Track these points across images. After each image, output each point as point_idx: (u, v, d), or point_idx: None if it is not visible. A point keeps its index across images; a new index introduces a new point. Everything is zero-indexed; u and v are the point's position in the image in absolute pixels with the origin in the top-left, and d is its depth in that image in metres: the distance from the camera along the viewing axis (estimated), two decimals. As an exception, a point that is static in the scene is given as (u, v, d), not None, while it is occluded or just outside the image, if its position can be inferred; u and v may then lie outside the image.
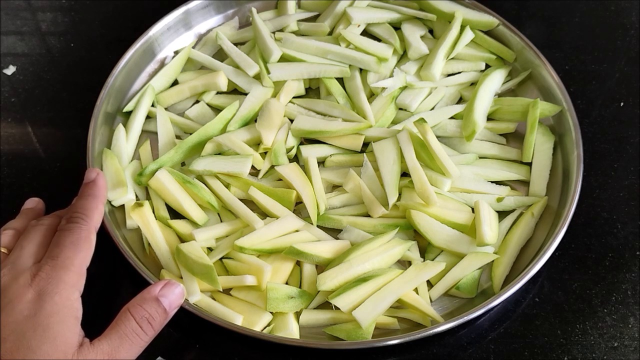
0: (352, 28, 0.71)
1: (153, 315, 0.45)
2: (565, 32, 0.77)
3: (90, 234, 0.48)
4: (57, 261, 0.45)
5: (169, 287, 0.47)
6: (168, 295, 0.46)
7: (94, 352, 0.42)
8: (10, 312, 0.42)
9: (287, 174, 0.61)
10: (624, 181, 0.65)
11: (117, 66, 0.66)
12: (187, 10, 0.73)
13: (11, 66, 0.74)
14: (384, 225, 0.59)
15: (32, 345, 0.41)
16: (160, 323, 0.45)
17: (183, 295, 0.48)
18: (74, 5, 0.81)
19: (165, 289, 0.46)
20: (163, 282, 0.48)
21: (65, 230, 0.47)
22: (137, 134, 0.66)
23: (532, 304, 0.57)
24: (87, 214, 0.49)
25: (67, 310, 0.43)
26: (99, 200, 0.51)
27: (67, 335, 0.42)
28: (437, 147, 0.60)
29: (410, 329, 0.54)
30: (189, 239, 0.58)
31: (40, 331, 0.41)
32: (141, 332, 0.44)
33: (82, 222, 0.48)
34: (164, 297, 0.46)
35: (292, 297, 0.55)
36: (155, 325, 0.45)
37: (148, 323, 0.44)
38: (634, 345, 0.55)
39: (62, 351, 0.41)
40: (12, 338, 0.41)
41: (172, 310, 0.47)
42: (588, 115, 0.69)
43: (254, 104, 0.66)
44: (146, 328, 0.44)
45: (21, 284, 0.44)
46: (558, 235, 0.56)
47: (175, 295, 0.47)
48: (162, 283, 0.47)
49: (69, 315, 0.43)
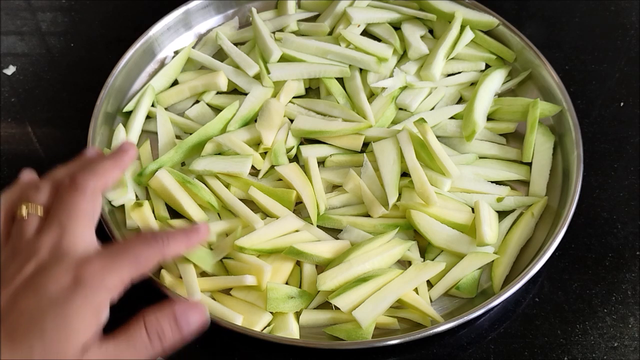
0: (352, 28, 0.71)
1: (165, 332, 0.42)
2: (565, 32, 0.77)
3: (155, 259, 0.44)
4: (110, 264, 0.42)
5: (191, 308, 0.44)
6: (189, 316, 0.43)
7: (100, 352, 0.41)
8: (40, 293, 0.41)
9: (287, 174, 0.61)
10: (624, 181, 0.65)
11: (117, 66, 0.66)
12: (187, 10, 0.73)
13: (11, 66, 0.74)
14: (384, 225, 0.59)
15: (47, 334, 0.40)
16: (172, 341, 0.43)
17: (204, 319, 0.44)
18: (74, 5, 0.81)
19: (187, 309, 0.43)
20: (189, 302, 0.45)
21: (134, 241, 0.44)
22: (137, 134, 0.66)
23: (532, 304, 0.57)
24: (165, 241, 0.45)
25: (95, 311, 0.41)
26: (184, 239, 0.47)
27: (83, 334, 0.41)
28: (437, 147, 0.60)
29: (410, 329, 0.54)
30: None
31: (61, 322, 0.40)
32: (149, 345, 0.42)
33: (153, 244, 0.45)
34: (184, 316, 0.43)
35: (292, 297, 0.55)
36: (165, 342, 0.43)
37: (158, 338, 0.42)
38: (634, 345, 0.55)
39: (72, 345, 0.40)
40: (29, 316, 0.40)
41: (188, 332, 0.43)
42: (588, 115, 0.69)
43: (254, 104, 0.66)
44: (155, 342, 0.42)
45: (64, 267, 0.42)
46: (558, 235, 0.56)
47: (196, 318, 0.44)
48: (187, 303, 0.44)
49: (94, 316, 0.41)
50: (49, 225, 0.44)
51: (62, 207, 0.45)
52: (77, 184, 0.45)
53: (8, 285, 0.41)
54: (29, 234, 0.44)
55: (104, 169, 0.47)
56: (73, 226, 0.44)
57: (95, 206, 0.46)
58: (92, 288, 0.41)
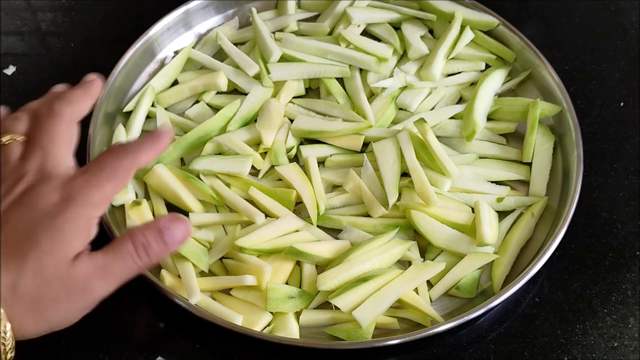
0: (352, 28, 0.71)
1: (151, 244, 0.44)
2: (565, 32, 0.77)
3: (132, 168, 0.46)
4: (91, 178, 0.44)
5: (175, 222, 0.46)
6: (172, 228, 0.45)
7: (90, 261, 0.43)
8: (32, 209, 0.43)
9: (287, 174, 0.61)
10: (624, 181, 0.65)
11: (117, 66, 0.66)
12: (187, 10, 0.73)
13: (11, 66, 0.74)
14: (384, 225, 0.59)
15: (39, 241, 0.41)
16: (157, 253, 0.45)
17: (187, 233, 0.46)
18: (74, 5, 0.81)
19: (171, 223, 0.45)
20: (171, 215, 0.47)
21: (109, 154, 0.46)
22: (137, 134, 0.66)
23: (532, 304, 0.57)
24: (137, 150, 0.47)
25: (84, 223, 0.43)
26: (156, 144, 0.49)
27: (74, 244, 0.43)
28: (437, 147, 0.60)
29: (410, 329, 0.54)
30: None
31: (53, 231, 0.42)
32: (136, 256, 0.44)
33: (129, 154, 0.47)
34: (168, 229, 0.45)
35: (292, 297, 0.55)
36: (151, 253, 0.44)
37: (143, 249, 0.44)
38: (634, 345, 0.55)
39: (65, 255, 0.42)
40: (22, 229, 0.42)
41: (173, 244, 0.45)
42: (588, 115, 0.69)
43: (254, 103, 0.66)
44: (141, 253, 0.44)
45: (51, 185, 0.44)
46: (558, 235, 0.56)
47: (179, 230, 0.46)
48: (170, 216, 0.46)
49: (83, 229, 0.43)
50: (31, 150, 0.47)
51: (42, 132, 0.48)
52: (54, 111, 0.49)
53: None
54: (12, 160, 0.46)
55: (77, 97, 0.51)
56: (55, 150, 0.47)
57: (72, 132, 0.49)
58: (81, 204, 0.43)
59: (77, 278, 0.42)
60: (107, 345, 0.55)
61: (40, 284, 0.41)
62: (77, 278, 0.42)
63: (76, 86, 0.52)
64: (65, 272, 0.42)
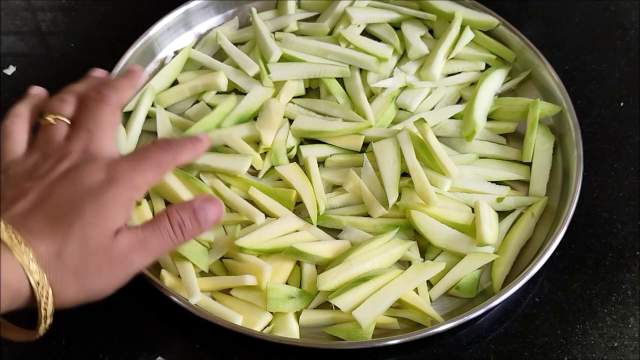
0: (352, 28, 0.71)
1: (185, 223, 0.47)
2: (565, 32, 0.77)
3: (171, 164, 0.49)
4: (136, 165, 0.47)
5: (209, 202, 0.48)
6: (206, 209, 0.48)
7: (131, 234, 0.45)
8: (77, 185, 0.44)
9: (287, 174, 0.61)
10: (624, 181, 0.65)
11: (117, 66, 0.66)
12: (187, 10, 0.73)
13: (11, 66, 0.74)
14: (384, 225, 0.59)
15: (85, 213, 0.43)
16: (191, 232, 0.47)
17: (221, 213, 0.49)
18: (74, 5, 0.81)
19: (205, 203, 0.48)
20: (206, 196, 0.50)
21: (156, 147, 0.49)
22: (137, 134, 0.66)
23: (532, 304, 0.57)
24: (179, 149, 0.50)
25: (125, 203, 0.45)
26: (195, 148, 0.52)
27: (117, 219, 0.44)
28: (437, 147, 0.60)
29: (410, 329, 0.54)
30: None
31: (98, 206, 0.43)
32: (172, 233, 0.46)
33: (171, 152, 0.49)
34: (202, 209, 0.48)
35: (292, 297, 0.55)
36: (186, 232, 0.47)
37: (179, 227, 0.47)
38: (634, 345, 0.55)
39: (109, 228, 0.44)
40: (68, 202, 0.43)
41: (206, 224, 0.48)
42: (588, 115, 0.69)
43: (252, 102, 0.66)
44: (177, 231, 0.47)
45: (97, 165, 0.46)
46: (558, 235, 0.56)
47: (213, 211, 0.48)
48: (205, 197, 0.49)
49: (125, 209, 0.45)
50: (77, 131, 0.49)
51: (89, 116, 0.50)
52: (103, 97, 0.51)
53: (43, 180, 0.45)
54: (58, 139, 0.48)
55: (123, 85, 0.53)
56: (100, 133, 0.49)
57: (116, 119, 0.52)
58: (124, 184, 0.45)
59: (119, 250, 0.44)
60: (107, 345, 0.55)
61: (85, 253, 0.42)
62: (119, 250, 0.44)
63: (122, 75, 0.56)
64: (109, 244, 0.43)
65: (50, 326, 0.49)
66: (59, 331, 0.55)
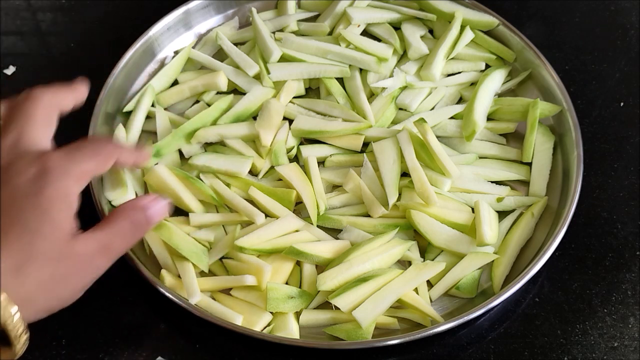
0: (352, 28, 0.71)
1: (140, 221, 0.48)
2: (565, 32, 0.77)
3: (112, 155, 0.48)
4: (71, 154, 0.45)
5: (155, 201, 0.49)
6: (153, 207, 0.49)
7: (91, 239, 0.44)
8: (10, 187, 0.43)
9: (287, 174, 0.61)
10: (624, 181, 0.65)
11: (117, 66, 0.66)
12: (187, 10, 0.73)
13: (11, 66, 0.74)
14: (384, 225, 0.59)
15: (30, 225, 0.42)
16: (144, 230, 0.49)
17: (166, 211, 0.51)
18: (74, 5, 0.81)
19: (152, 202, 0.49)
20: (151, 195, 0.50)
21: (92, 138, 0.50)
22: (137, 134, 0.66)
23: (532, 304, 0.57)
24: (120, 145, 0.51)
25: (67, 199, 0.44)
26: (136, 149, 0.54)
27: (64, 223, 0.43)
28: (437, 147, 0.60)
29: (410, 329, 0.54)
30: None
31: (39, 212, 0.42)
32: (132, 231, 0.47)
33: (111, 144, 0.50)
34: (149, 208, 0.49)
35: (292, 297, 0.55)
36: (140, 231, 0.48)
37: (135, 227, 0.48)
38: (634, 345, 0.55)
39: (61, 235, 0.43)
40: (9, 214, 0.42)
41: (153, 222, 0.49)
42: (588, 115, 0.69)
43: (251, 102, 0.66)
44: (134, 231, 0.48)
45: (26, 162, 0.44)
46: (558, 235, 0.56)
47: (158, 209, 0.49)
48: (150, 197, 0.50)
49: (68, 205, 0.44)
50: (7, 130, 0.47)
51: (18, 113, 0.48)
52: (32, 95, 0.49)
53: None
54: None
55: (58, 87, 0.51)
56: (30, 129, 0.47)
57: (50, 118, 0.49)
58: (58, 175, 0.43)
59: (82, 256, 0.44)
60: (107, 345, 0.55)
61: (45, 264, 0.42)
62: (82, 256, 0.44)
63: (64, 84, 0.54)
64: (69, 251, 0.43)
65: (50, 326, 0.49)
66: (59, 331, 0.55)
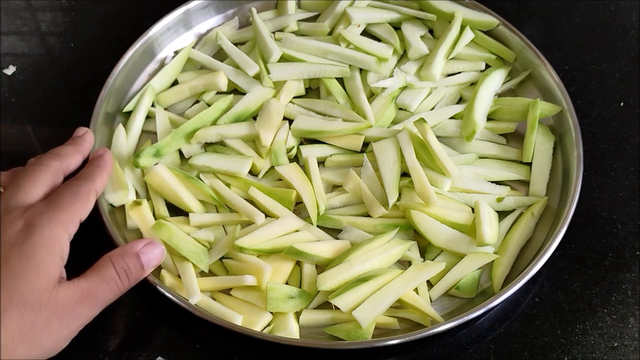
0: (352, 28, 0.71)
1: (131, 269, 0.48)
2: (565, 32, 0.77)
3: (90, 191, 0.50)
4: (53, 203, 0.47)
5: (150, 246, 0.50)
6: (148, 253, 0.49)
7: (74, 287, 0.44)
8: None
9: (287, 174, 0.61)
10: (624, 181, 0.65)
11: (117, 66, 0.66)
12: (187, 10, 0.73)
13: (11, 66, 0.74)
14: (384, 225, 0.59)
15: (14, 271, 0.42)
16: (136, 278, 0.49)
17: (162, 257, 0.51)
18: (74, 5, 0.81)
19: (147, 248, 0.49)
20: (145, 240, 0.51)
21: (66, 184, 0.50)
22: (137, 134, 0.66)
23: (532, 304, 0.57)
24: (90, 178, 0.52)
25: (54, 245, 0.44)
26: (103, 170, 0.54)
27: (50, 269, 0.44)
28: (437, 147, 0.60)
29: (410, 329, 0.54)
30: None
31: (25, 259, 0.43)
32: (118, 280, 0.47)
33: (84, 182, 0.51)
34: (144, 254, 0.49)
35: (292, 297, 0.55)
36: (131, 278, 0.48)
37: (125, 274, 0.47)
38: (634, 345, 0.55)
39: (44, 282, 0.43)
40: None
41: (149, 268, 0.50)
42: (588, 115, 0.69)
43: (251, 102, 0.66)
44: (123, 279, 0.47)
45: (12, 216, 0.46)
46: (558, 235, 0.56)
47: (155, 255, 0.50)
48: (145, 242, 0.50)
49: (55, 251, 0.44)
50: (7, 188, 0.49)
51: (23, 174, 0.50)
52: (42, 162, 0.51)
53: None
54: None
55: (67, 152, 0.54)
56: (27, 186, 0.49)
57: (55, 179, 0.51)
58: (44, 223, 0.45)
59: (64, 304, 0.43)
60: (107, 345, 0.55)
61: (26, 311, 0.42)
62: (64, 304, 0.43)
63: (67, 142, 0.56)
64: (51, 299, 0.43)
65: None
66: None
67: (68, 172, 0.53)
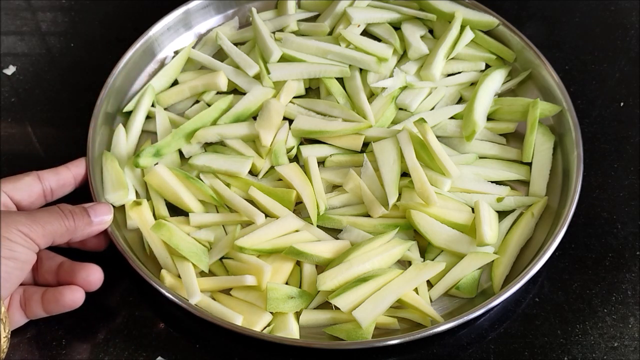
0: (352, 28, 0.71)
1: (76, 214, 0.52)
2: (565, 32, 0.77)
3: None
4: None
5: (98, 204, 0.55)
6: (95, 208, 0.54)
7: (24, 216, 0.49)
8: None
9: (287, 174, 0.61)
10: (624, 181, 0.65)
11: (117, 66, 0.66)
12: (187, 10, 0.73)
13: (11, 66, 0.74)
14: (384, 225, 0.59)
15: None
16: (81, 225, 0.52)
17: (110, 211, 0.55)
18: (74, 5, 0.81)
19: (95, 204, 0.55)
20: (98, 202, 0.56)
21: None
22: (137, 134, 0.66)
23: (532, 304, 0.57)
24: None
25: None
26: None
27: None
28: (437, 147, 0.60)
29: (410, 329, 0.54)
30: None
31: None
32: (62, 215, 0.51)
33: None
34: (91, 208, 0.54)
35: (292, 297, 0.55)
36: (77, 220, 0.52)
37: (70, 214, 0.52)
38: (634, 345, 0.55)
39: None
40: None
41: (96, 219, 0.54)
42: (588, 115, 0.69)
43: (251, 102, 0.66)
44: (67, 215, 0.52)
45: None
46: (558, 235, 0.56)
47: (100, 207, 0.55)
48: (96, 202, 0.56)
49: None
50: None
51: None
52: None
53: None
54: None
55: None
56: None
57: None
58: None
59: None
60: (107, 345, 0.55)
61: None
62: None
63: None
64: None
65: (50, 326, 0.49)
66: (59, 331, 0.55)
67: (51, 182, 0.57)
